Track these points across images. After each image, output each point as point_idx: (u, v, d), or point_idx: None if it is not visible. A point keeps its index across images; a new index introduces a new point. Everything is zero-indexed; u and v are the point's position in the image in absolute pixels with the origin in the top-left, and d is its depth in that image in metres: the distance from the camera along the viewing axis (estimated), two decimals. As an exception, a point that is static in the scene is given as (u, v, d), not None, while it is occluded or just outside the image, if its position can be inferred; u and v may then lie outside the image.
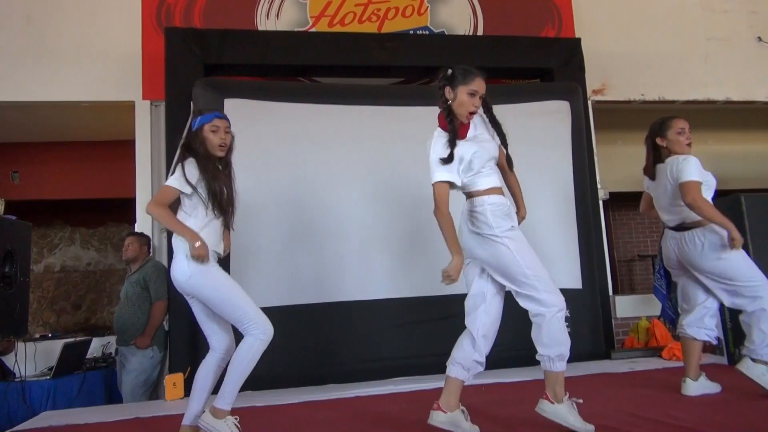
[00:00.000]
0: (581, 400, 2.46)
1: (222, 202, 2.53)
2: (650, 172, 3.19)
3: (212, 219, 2.52)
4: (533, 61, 5.14)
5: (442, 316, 3.90)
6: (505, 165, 2.69)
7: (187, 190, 2.46)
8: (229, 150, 2.66)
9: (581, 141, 4.88)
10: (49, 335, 5.31)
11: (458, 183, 2.47)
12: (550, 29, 5.49)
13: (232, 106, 4.27)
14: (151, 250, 4.47)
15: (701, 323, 3.08)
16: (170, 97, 4.52)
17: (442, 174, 2.44)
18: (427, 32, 5.27)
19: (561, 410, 2.43)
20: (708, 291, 3.07)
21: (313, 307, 4.17)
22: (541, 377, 3.88)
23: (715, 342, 3.23)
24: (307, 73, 5.07)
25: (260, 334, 2.42)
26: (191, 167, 2.49)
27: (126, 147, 5.04)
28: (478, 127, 2.61)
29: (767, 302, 2.86)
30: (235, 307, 2.44)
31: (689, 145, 3.06)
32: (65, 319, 7.20)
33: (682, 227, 3.04)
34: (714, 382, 3.07)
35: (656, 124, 3.15)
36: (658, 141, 3.11)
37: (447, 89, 2.56)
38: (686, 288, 3.15)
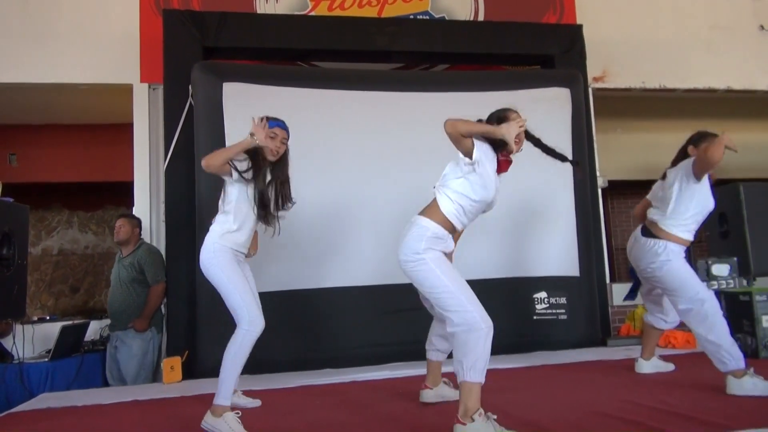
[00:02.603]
0: (495, 416, 2.23)
1: (263, 202, 2.77)
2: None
3: (246, 219, 2.76)
4: (534, 48, 5.10)
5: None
6: None
7: (240, 165, 2.69)
8: (282, 159, 2.87)
9: (581, 128, 4.86)
10: (47, 318, 5.32)
11: (469, 165, 2.43)
12: (552, 15, 5.45)
13: (231, 90, 4.25)
14: (141, 232, 4.45)
15: (663, 314, 3.32)
16: (168, 81, 4.50)
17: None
18: (427, 17, 5.22)
19: (474, 429, 2.19)
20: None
21: (311, 292, 4.18)
22: (536, 363, 3.93)
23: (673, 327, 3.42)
24: (306, 58, 5.04)
25: (246, 324, 2.62)
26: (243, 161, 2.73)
27: (124, 130, 5.02)
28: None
29: (707, 312, 2.85)
30: (234, 299, 2.66)
31: None
32: (63, 302, 7.22)
33: (645, 232, 3.13)
34: (669, 362, 3.39)
35: (695, 135, 3.14)
36: (690, 150, 3.09)
37: None
38: (646, 285, 3.32)
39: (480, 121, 2.57)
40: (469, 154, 2.42)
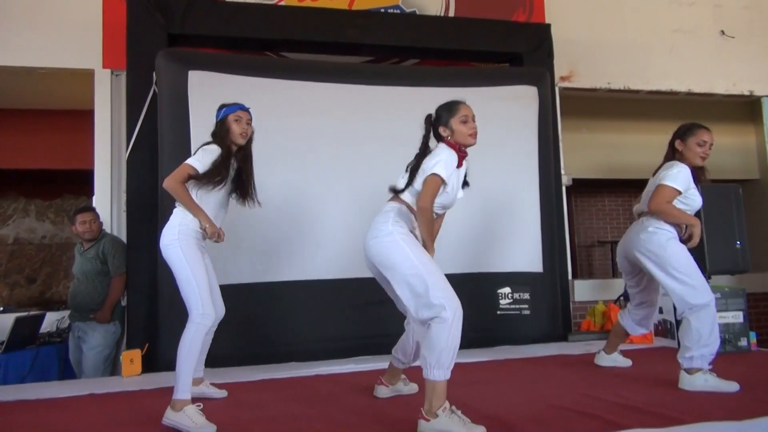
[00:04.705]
0: (460, 410, 2.25)
1: (231, 185, 2.80)
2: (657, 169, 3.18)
3: (212, 208, 2.73)
4: (503, 45, 5.14)
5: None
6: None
7: (202, 170, 2.67)
8: (250, 140, 2.87)
9: (547, 127, 4.92)
10: (1, 309, 5.15)
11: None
12: (521, 14, 5.50)
13: (196, 78, 4.17)
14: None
15: (640, 321, 3.34)
16: (132, 67, 4.38)
17: (441, 170, 2.47)
18: (398, 11, 5.21)
19: (439, 424, 2.21)
20: (651, 291, 3.24)
21: (276, 285, 4.14)
22: (499, 357, 3.97)
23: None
24: (274, 48, 4.97)
25: (198, 317, 2.58)
26: (211, 154, 2.70)
27: (85, 117, 4.87)
28: (461, 173, 2.64)
29: (700, 312, 2.84)
30: (189, 287, 2.60)
31: (703, 158, 3.03)
32: (19, 293, 7.00)
33: (640, 215, 3.16)
34: (627, 359, 3.44)
35: (683, 127, 3.11)
36: (677, 144, 3.08)
37: (441, 128, 2.60)
38: (632, 289, 3.32)
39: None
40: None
